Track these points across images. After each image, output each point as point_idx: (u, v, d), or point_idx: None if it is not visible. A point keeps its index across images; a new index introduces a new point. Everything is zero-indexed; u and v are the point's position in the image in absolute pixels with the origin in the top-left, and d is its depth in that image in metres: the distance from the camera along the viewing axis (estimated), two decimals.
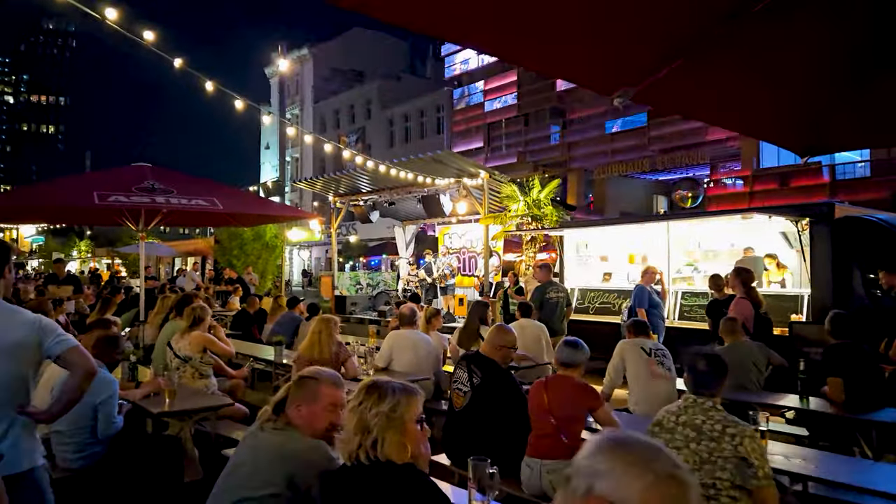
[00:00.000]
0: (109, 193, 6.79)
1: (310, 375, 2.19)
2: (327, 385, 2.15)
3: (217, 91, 6.61)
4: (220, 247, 19.05)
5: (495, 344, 3.48)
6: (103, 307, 7.46)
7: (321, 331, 4.60)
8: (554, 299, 7.78)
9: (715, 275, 6.99)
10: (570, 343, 3.38)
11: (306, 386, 2.17)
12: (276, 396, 2.23)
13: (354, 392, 1.91)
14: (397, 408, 1.80)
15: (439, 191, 12.28)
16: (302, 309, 7.92)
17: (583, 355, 3.35)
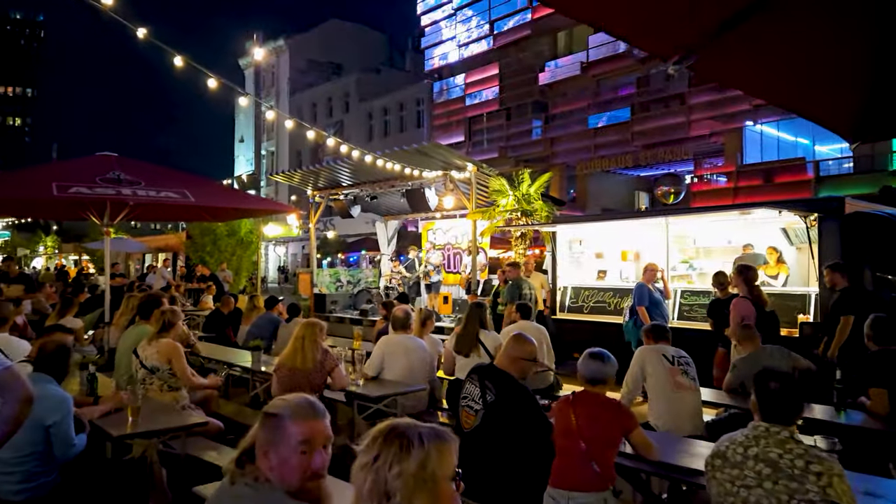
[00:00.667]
0: (70, 185, 6.20)
1: (272, 411, 1.70)
2: (294, 420, 1.67)
3: (190, 70, 6.05)
4: (192, 242, 18.31)
5: (513, 355, 3.02)
6: (63, 308, 6.85)
7: (304, 337, 4.11)
8: (528, 296, 7.93)
9: (719, 272, 6.64)
10: (596, 356, 2.94)
11: (269, 425, 1.69)
12: (244, 442, 1.75)
13: (365, 441, 1.43)
14: (427, 463, 1.34)
15: (424, 184, 11.80)
16: (281, 310, 7.39)
17: (612, 369, 2.92)
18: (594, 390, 2.87)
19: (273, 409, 1.69)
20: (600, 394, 2.87)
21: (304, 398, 1.73)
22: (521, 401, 2.90)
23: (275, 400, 1.74)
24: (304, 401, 1.71)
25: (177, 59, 5.90)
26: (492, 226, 10.52)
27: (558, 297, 9.05)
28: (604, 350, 3.00)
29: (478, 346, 4.65)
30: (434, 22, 34.54)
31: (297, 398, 1.72)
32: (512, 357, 3.01)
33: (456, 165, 10.91)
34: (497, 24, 31.26)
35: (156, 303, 4.77)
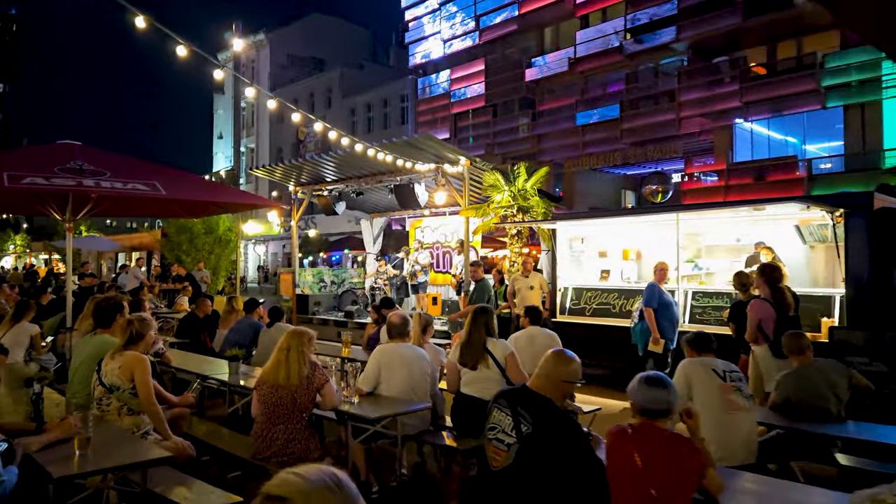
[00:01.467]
0: (24, 174, 5.51)
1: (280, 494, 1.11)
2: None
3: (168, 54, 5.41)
4: (167, 241, 17.53)
5: (554, 377, 2.45)
6: (18, 312, 6.16)
7: (290, 348, 3.51)
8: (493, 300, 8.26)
9: (740, 272, 6.17)
10: (655, 381, 2.37)
11: None
12: None
13: None
14: None
15: (414, 179, 11.22)
16: (262, 313, 6.76)
17: (675, 396, 2.37)
18: (656, 424, 2.31)
19: (282, 490, 1.06)
20: (663, 428, 2.31)
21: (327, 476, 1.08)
22: (565, 433, 2.34)
23: (278, 480, 1.09)
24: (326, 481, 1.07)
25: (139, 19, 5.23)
26: (486, 223, 9.98)
27: (558, 298, 8.52)
28: (661, 373, 2.44)
29: (486, 356, 4.08)
30: (418, 17, 33.92)
31: (316, 475, 1.07)
32: (554, 378, 2.45)
33: (448, 159, 10.35)
34: (483, 19, 30.74)
35: (115, 308, 4.11)
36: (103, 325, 4.06)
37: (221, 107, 50.16)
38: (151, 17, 5.45)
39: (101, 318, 4.08)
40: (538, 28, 29.61)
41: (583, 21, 27.67)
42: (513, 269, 9.93)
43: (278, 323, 6.13)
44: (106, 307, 4.12)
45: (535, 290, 8.62)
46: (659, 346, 6.35)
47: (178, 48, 5.95)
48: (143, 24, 5.25)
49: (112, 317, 4.03)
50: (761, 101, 21.31)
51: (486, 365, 4.07)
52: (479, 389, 4.04)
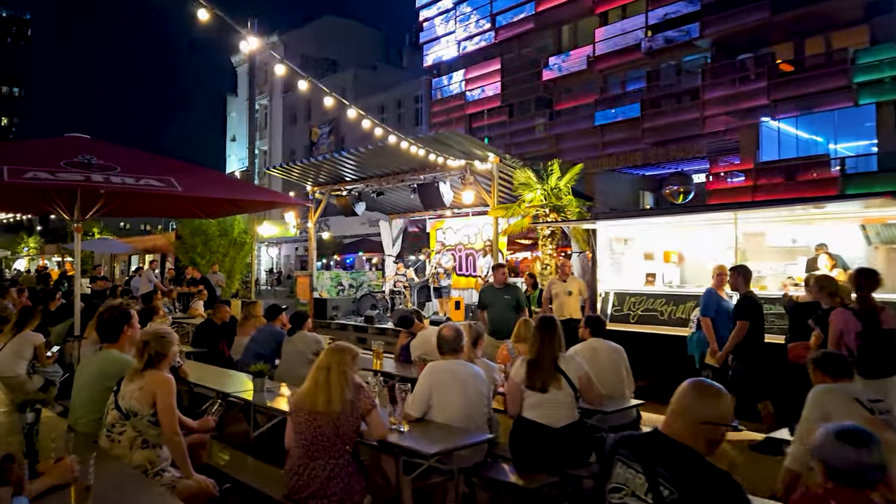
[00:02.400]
0: (26, 169, 5.00)
1: None
2: None
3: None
4: (181, 243, 17.10)
5: (692, 417, 1.86)
6: (22, 320, 5.66)
7: (330, 367, 2.95)
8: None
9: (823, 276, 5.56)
10: (853, 437, 1.81)
11: None
12: None
13: None
14: None
15: (438, 178, 10.68)
16: (285, 321, 6.22)
17: (881, 457, 1.78)
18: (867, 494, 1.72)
19: None
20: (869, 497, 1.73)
21: None
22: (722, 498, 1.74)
23: None
24: None
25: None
26: (519, 223, 9.39)
27: (599, 304, 7.93)
28: (858, 426, 1.86)
29: (558, 377, 3.51)
30: (433, 16, 33.41)
31: None
32: (689, 419, 1.86)
33: (475, 156, 9.80)
34: (498, 17, 30.17)
35: (121, 318, 3.52)
36: (109, 340, 3.50)
37: (235, 109, 49.94)
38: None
39: (105, 332, 3.52)
40: (555, 26, 29.01)
41: (602, 18, 27.06)
42: (545, 272, 9.35)
43: (301, 331, 5.59)
44: (110, 319, 3.53)
45: (573, 296, 8.04)
46: (717, 358, 5.76)
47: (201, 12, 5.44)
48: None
49: (119, 329, 3.47)
50: (789, 99, 20.61)
51: (557, 386, 3.51)
52: (548, 415, 3.49)
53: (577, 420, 3.57)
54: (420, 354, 5.25)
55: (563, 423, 3.50)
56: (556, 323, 3.76)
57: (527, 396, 3.60)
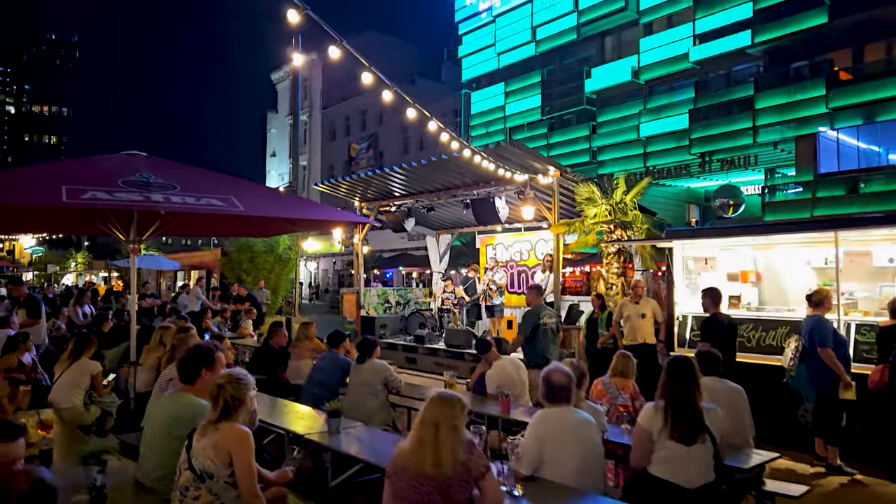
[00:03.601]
0: (84, 188, 4.75)
1: None
2: None
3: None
4: (227, 260, 17.02)
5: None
6: (78, 347, 5.40)
7: (439, 424, 2.52)
8: (547, 325, 6.99)
9: None
10: None
11: None
12: None
13: None
14: None
15: (494, 193, 10.27)
16: (349, 347, 5.84)
17: None
18: None
19: None
20: None
21: None
22: None
23: None
24: None
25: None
26: (582, 239, 8.91)
27: (676, 328, 7.38)
28: None
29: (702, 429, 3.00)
30: (472, 29, 33.25)
31: None
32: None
33: (534, 169, 9.37)
34: (539, 29, 29.81)
35: (202, 360, 3.16)
36: (185, 381, 3.14)
37: (275, 125, 50.56)
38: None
39: (183, 371, 3.16)
40: (598, 37, 28.53)
41: (646, 28, 26.49)
42: (610, 292, 8.83)
43: (371, 360, 5.20)
44: (190, 358, 3.19)
45: (647, 319, 7.52)
46: (852, 391, 5.17)
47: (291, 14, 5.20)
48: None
49: (196, 371, 3.11)
50: (849, 108, 19.71)
51: (702, 439, 3.02)
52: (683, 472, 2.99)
53: (713, 480, 3.07)
54: (500, 389, 4.81)
55: (699, 483, 3.02)
56: (694, 366, 3.26)
57: (658, 448, 3.10)
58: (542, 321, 6.93)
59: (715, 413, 3.18)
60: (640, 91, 26.79)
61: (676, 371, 3.21)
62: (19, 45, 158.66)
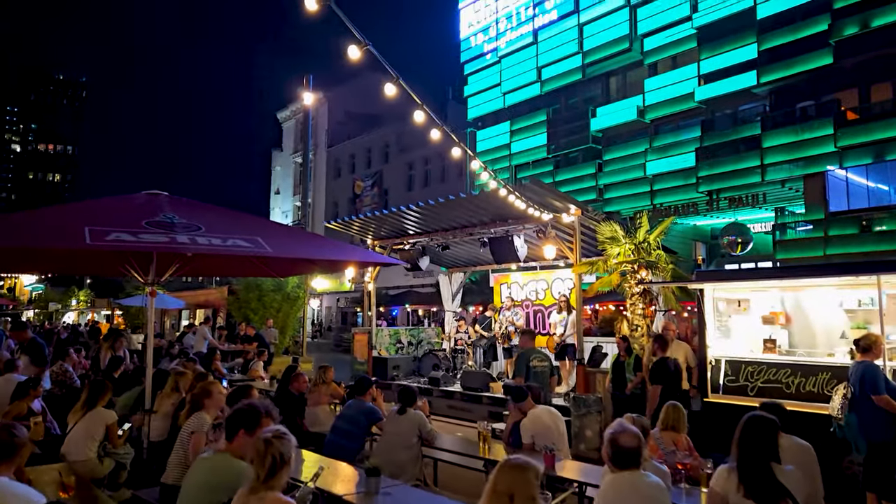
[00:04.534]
0: (108, 230, 4.58)
1: None
2: None
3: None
4: (233, 298, 16.77)
5: None
6: (92, 396, 5.13)
7: (513, 496, 2.26)
8: (539, 368, 7.39)
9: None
10: None
11: None
12: None
13: None
14: None
15: (512, 232, 10.11)
16: (375, 394, 5.57)
17: None
18: None
19: None
20: None
21: None
22: None
23: None
24: None
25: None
26: (606, 279, 8.70)
27: (709, 373, 7.11)
28: None
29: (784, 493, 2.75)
30: (478, 70, 33.67)
31: None
32: None
33: (554, 207, 9.21)
34: (544, 70, 30.15)
35: (245, 420, 2.85)
36: (229, 439, 2.87)
37: (279, 163, 50.86)
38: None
39: (228, 429, 2.87)
40: (603, 77, 28.83)
41: (651, 69, 26.76)
42: (635, 334, 8.57)
43: (412, 410, 4.91)
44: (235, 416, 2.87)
45: (679, 364, 7.24)
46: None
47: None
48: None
49: (236, 430, 2.84)
50: (859, 147, 19.73)
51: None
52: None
53: None
54: (539, 442, 4.53)
55: None
56: (773, 424, 3.01)
57: None
58: (532, 364, 7.32)
59: (793, 475, 2.92)
60: (646, 130, 26.93)
61: (753, 430, 2.95)
62: (27, 84, 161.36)
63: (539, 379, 7.27)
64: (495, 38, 32.76)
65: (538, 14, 30.42)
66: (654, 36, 26.09)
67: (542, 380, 7.33)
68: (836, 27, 20.21)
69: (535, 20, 30.52)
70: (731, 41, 23.33)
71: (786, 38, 21.52)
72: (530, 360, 7.43)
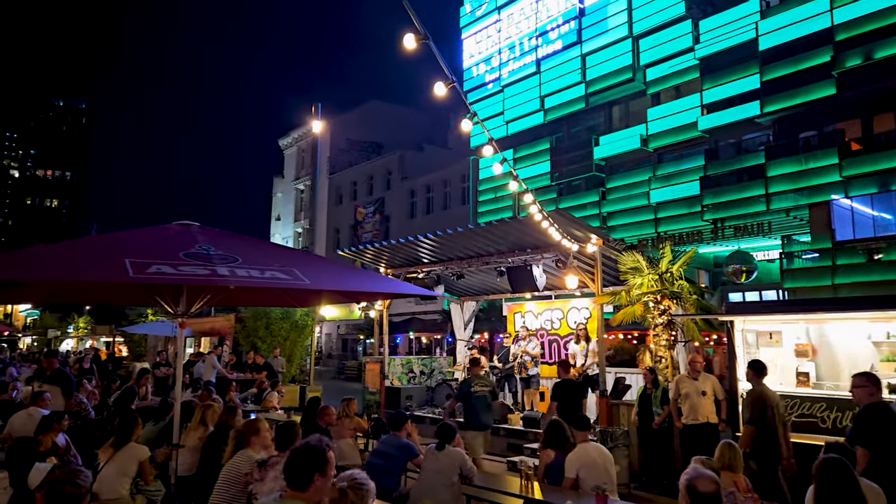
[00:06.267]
0: (148, 262, 4.52)
1: None
2: None
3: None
4: (241, 326, 16.61)
5: None
6: (124, 432, 5.00)
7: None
8: (480, 393, 8.13)
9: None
10: None
11: None
12: None
13: None
14: None
15: (530, 261, 10.07)
16: (410, 430, 5.45)
17: None
18: None
19: None
20: None
21: None
22: None
23: None
24: None
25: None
26: (630, 310, 8.62)
27: (740, 407, 7.00)
28: None
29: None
30: (481, 98, 33.97)
31: None
32: None
33: (575, 237, 9.18)
34: (547, 99, 30.46)
35: (320, 461, 2.68)
36: (296, 486, 2.73)
37: (280, 190, 50.99)
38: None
39: (293, 475, 2.76)
40: (606, 106, 29.12)
41: (654, 98, 27.04)
42: (659, 366, 8.48)
43: (451, 446, 4.81)
44: (302, 458, 2.75)
45: (708, 397, 7.15)
46: None
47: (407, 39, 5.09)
48: None
49: (310, 475, 2.70)
50: (863, 176, 19.85)
51: None
52: None
53: None
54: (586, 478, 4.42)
55: None
56: (848, 468, 2.92)
57: None
58: (474, 389, 8.10)
59: None
60: (650, 158, 27.09)
61: (835, 475, 2.86)
62: (27, 111, 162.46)
63: (481, 403, 8.08)
64: (498, 67, 33.13)
65: (542, 45, 30.82)
66: (656, 66, 26.40)
67: (484, 403, 8.13)
68: (839, 59, 20.49)
69: (539, 50, 30.92)
70: (734, 72, 23.62)
71: (788, 69, 21.80)
72: (472, 386, 8.18)
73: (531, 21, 31.62)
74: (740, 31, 23.49)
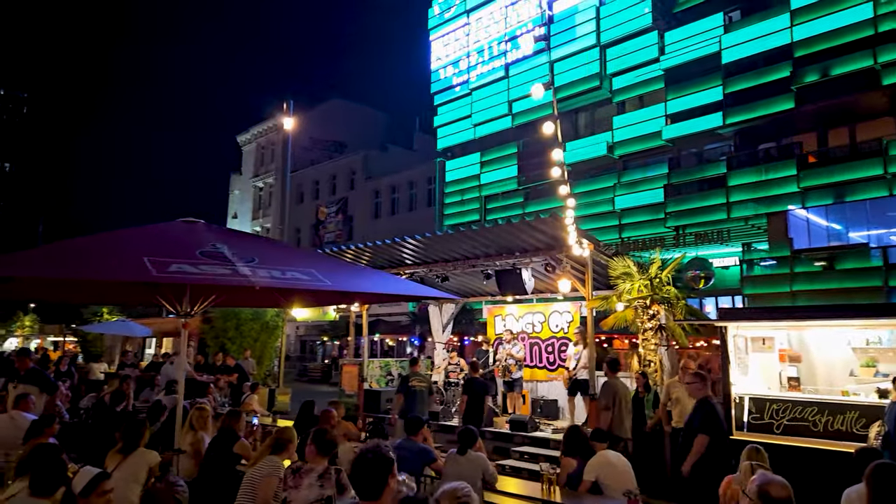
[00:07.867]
0: (166, 260, 4.34)
1: None
2: None
3: None
4: (209, 327, 16.15)
5: None
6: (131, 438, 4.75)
7: None
8: (418, 388, 9.29)
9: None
10: None
11: None
12: None
13: None
14: None
15: (518, 265, 10.10)
16: (427, 434, 5.38)
17: None
18: None
19: None
20: None
21: None
22: None
23: None
24: None
25: None
26: (621, 314, 8.74)
27: (733, 411, 7.18)
28: None
29: None
30: (449, 101, 34.01)
31: None
32: None
33: (565, 241, 9.26)
34: (515, 104, 30.72)
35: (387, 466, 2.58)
36: (370, 496, 2.56)
37: (238, 187, 49.87)
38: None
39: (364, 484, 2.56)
40: (572, 113, 29.55)
41: (619, 107, 27.58)
42: (648, 370, 8.62)
43: (472, 451, 4.76)
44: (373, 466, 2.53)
45: None
46: None
47: None
48: None
49: (384, 482, 2.55)
50: (820, 188, 20.71)
51: None
52: None
53: None
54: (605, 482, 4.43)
55: None
56: None
57: None
58: (412, 384, 9.23)
59: None
60: (615, 165, 27.62)
61: (887, 480, 2.93)
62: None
63: (419, 398, 9.10)
64: (466, 70, 33.21)
65: (511, 49, 31.05)
66: (622, 75, 26.94)
67: (422, 398, 9.21)
68: (798, 74, 21.31)
69: (508, 55, 31.15)
70: (698, 83, 24.30)
71: (750, 82, 22.56)
72: (410, 381, 9.29)
73: (500, 25, 31.84)
74: (704, 44, 24.18)
